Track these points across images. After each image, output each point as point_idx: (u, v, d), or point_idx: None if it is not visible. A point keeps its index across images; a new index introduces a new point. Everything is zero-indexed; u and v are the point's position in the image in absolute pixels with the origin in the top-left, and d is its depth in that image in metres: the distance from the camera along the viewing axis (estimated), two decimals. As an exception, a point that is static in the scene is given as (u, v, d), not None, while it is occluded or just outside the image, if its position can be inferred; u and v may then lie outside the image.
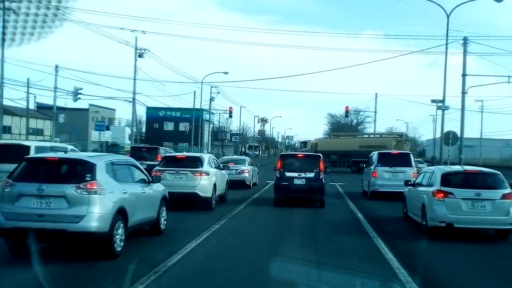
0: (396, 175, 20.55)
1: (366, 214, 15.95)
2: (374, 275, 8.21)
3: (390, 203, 19.61)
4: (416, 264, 8.99)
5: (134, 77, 47.18)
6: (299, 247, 10.61)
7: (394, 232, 12.77)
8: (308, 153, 21.70)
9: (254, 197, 19.87)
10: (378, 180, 20.56)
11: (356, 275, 8.10)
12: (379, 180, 20.57)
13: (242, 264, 8.73)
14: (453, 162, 29.57)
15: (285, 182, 17.70)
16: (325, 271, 8.44)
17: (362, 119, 78.63)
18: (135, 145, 32.31)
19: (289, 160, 18.86)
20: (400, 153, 21.91)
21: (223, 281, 7.70)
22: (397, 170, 20.56)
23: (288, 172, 17.79)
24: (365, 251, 10.30)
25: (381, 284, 7.87)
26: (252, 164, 25.63)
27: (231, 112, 59.54)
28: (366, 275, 8.15)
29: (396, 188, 20.33)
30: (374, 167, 20.82)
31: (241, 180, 22.91)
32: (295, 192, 17.72)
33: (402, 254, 9.77)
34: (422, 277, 7.88)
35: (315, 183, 17.57)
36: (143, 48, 46.95)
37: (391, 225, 14.01)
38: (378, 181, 20.56)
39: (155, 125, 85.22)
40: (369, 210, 17.16)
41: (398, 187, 20.25)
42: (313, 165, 17.98)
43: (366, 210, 16.96)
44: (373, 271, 8.47)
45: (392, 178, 20.51)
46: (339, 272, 8.37)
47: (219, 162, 23.17)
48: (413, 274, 8.00)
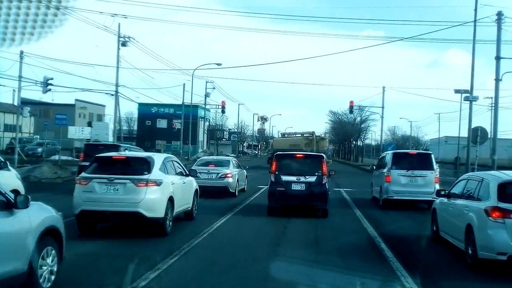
0: (414, 180, 16.95)
1: (380, 230, 12.42)
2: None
3: (408, 214, 16.03)
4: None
5: (117, 67, 43.50)
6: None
7: (426, 262, 9.05)
8: (309, 153, 17.96)
9: (238, 209, 15.93)
10: (393, 186, 16.94)
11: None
12: (393, 185, 16.94)
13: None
14: (483, 164, 25.73)
15: (281, 188, 14.63)
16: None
17: (366, 117, 74.73)
18: (92, 142, 27.89)
19: (286, 161, 15.50)
20: (419, 154, 18.16)
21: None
22: (416, 173, 16.95)
23: (284, 175, 14.72)
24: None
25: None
26: (239, 166, 21.28)
27: (223, 107, 55.74)
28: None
29: (415, 196, 16.82)
30: (388, 170, 17.18)
31: (223, 186, 18.65)
32: (293, 199, 14.72)
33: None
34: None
35: (317, 189, 14.49)
36: (127, 36, 43.30)
37: (418, 249, 10.35)
38: (392, 186, 16.94)
39: (147, 122, 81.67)
40: (384, 225, 13.58)
41: (417, 195, 16.79)
42: (314, 167, 14.78)
43: (380, 224, 13.37)
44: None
45: (410, 184, 16.93)
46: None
47: (198, 163, 19.55)
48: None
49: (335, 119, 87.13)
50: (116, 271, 7.57)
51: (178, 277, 7.71)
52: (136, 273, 7.28)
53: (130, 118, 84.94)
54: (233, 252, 9.47)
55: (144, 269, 7.60)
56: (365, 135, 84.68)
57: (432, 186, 16.87)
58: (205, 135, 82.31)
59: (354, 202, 18.80)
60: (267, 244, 10.41)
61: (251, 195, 20.06)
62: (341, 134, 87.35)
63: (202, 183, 17.82)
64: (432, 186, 16.85)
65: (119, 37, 43.62)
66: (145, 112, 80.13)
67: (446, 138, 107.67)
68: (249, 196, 19.68)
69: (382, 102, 50.32)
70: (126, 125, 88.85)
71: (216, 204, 16.81)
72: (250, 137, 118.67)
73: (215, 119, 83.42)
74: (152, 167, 10.10)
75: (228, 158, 20.59)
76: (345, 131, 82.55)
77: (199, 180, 17.87)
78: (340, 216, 15.21)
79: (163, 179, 10.16)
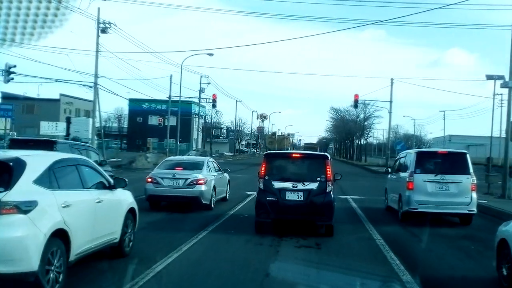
0: (445, 187, 13.00)
1: (411, 262, 8.45)
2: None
3: (445, 235, 12.05)
4: None
5: (96, 55, 39.46)
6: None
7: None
8: (309, 152, 13.74)
9: (211, 228, 11.84)
10: (417, 195, 12.98)
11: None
12: (418, 194, 12.99)
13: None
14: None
15: (272, 197, 11.10)
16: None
17: (371, 113, 70.58)
18: (19, 138, 23.21)
19: (279, 162, 11.86)
20: (451, 153, 14.03)
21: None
22: (447, 179, 12.99)
23: (277, 181, 11.20)
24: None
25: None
26: (219, 169, 16.70)
27: (214, 101, 51.57)
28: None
29: (445, 208, 12.99)
30: (410, 174, 13.20)
31: (193, 196, 14.12)
32: (288, 212, 11.21)
33: None
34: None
35: (320, 199, 11.00)
36: (107, 22, 39.26)
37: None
38: (416, 196, 12.98)
39: (138, 119, 77.57)
40: (414, 253, 9.65)
41: (448, 206, 12.93)
42: (316, 171, 11.28)
43: (414, 260, 9.20)
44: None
45: (439, 192, 12.99)
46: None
47: (162, 166, 15.49)
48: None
49: (337, 116, 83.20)
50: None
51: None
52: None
53: (120, 115, 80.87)
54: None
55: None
56: (368, 133, 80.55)
57: (468, 195, 12.97)
58: (199, 133, 78.18)
59: (366, 214, 14.83)
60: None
61: (234, 205, 15.95)
62: (343, 132, 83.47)
63: (164, 191, 13.88)
64: (468, 195, 12.95)
65: (99, 22, 39.74)
66: (136, 109, 75.82)
67: (450, 137, 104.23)
68: (231, 207, 15.58)
69: (390, 96, 46.23)
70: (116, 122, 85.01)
71: (178, 223, 12.74)
72: (249, 135, 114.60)
73: (211, 116, 79.30)
74: (17, 179, 5.55)
75: (203, 159, 16.17)
76: (348, 129, 78.51)
77: (159, 188, 13.96)
78: (349, 236, 11.32)
79: (38, 202, 5.57)
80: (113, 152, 49.79)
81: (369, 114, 70.34)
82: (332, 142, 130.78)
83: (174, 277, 7.43)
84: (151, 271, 7.33)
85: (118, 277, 7.02)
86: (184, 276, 7.54)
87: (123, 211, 8.16)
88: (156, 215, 13.59)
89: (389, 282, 7.37)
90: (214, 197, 14.96)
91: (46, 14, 5.04)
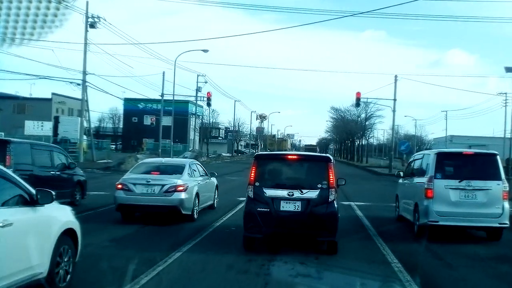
0: (471, 196, 10.81)
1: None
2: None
3: (469, 252, 9.96)
4: None
5: (84, 51, 37.39)
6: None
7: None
8: (308, 154, 11.71)
9: (192, 244, 9.70)
10: (438, 205, 10.79)
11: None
12: (438, 204, 10.79)
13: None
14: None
15: (263, 208, 9.15)
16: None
17: (372, 113, 68.20)
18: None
19: (273, 165, 9.83)
20: (478, 155, 11.60)
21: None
22: (474, 185, 10.79)
23: (270, 188, 9.26)
24: None
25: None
26: (205, 173, 14.45)
27: (209, 99, 49.32)
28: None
29: (472, 221, 10.92)
30: (429, 179, 10.98)
31: (171, 206, 11.91)
32: (283, 226, 9.23)
33: None
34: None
35: (321, 210, 9.06)
36: (96, 16, 37.16)
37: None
38: (437, 205, 10.79)
39: (133, 119, 75.47)
40: (446, 286, 7.48)
41: (476, 219, 10.77)
42: (316, 176, 9.34)
43: (439, 285, 7.17)
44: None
45: (464, 201, 10.80)
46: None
47: (136, 169, 13.28)
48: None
49: (338, 116, 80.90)
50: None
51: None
52: None
53: (115, 115, 78.69)
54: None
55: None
56: (370, 133, 78.25)
57: (499, 205, 10.78)
58: (195, 133, 75.92)
59: (374, 226, 12.67)
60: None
61: (222, 215, 13.79)
62: (344, 132, 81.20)
63: (137, 200, 11.72)
64: (498, 204, 10.77)
65: (87, 16, 37.62)
66: (131, 108, 73.80)
67: (452, 137, 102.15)
68: (218, 217, 13.41)
69: (394, 94, 43.88)
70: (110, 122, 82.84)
71: (149, 239, 10.58)
72: (248, 135, 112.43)
73: (208, 116, 77.05)
74: None
75: (184, 162, 13.74)
76: (348, 129, 76.23)
77: (131, 196, 11.81)
78: (358, 258, 9.16)
79: None
80: (105, 153, 47.60)
81: (370, 113, 68.02)
82: (332, 142, 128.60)
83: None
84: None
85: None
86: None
87: (53, 234, 5.96)
88: (126, 228, 11.45)
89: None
90: (197, 206, 12.75)
91: (46, 14, 5.03)
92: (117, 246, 9.46)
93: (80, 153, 39.07)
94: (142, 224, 11.98)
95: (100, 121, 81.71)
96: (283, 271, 7.85)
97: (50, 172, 13.71)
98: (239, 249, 9.32)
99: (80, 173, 15.49)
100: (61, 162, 14.38)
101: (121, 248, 9.33)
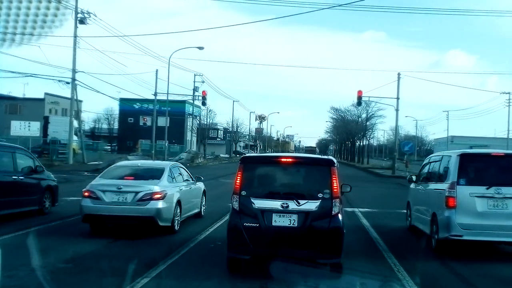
0: (503, 205, 9.11)
1: None
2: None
3: (502, 274, 8.25)
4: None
5: (74, 47, 35.65)
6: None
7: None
8: (306, 156, 9.50)
9: (168, 263, 8.08)
10: (462, 216, 9.06)
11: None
12: (463, 215, 9.07)
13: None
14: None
15: (251, 223, 7.45)
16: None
17: (373, 113, 66.43)
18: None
19: (263, 170, 8.12)
20: (508, 156, 9.83)
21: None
22: (506, 193, 9.05)
23: (259, 198, 7.53)
24: None
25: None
26: (190, 177, 12.68)
27: (204, 98, 47.57)
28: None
29: (505, 235, 9.20)
30: (451, 185, 9.25)
31: (145, 217, 10.16)
32: (275, 245, 7.48)
33: None
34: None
35: (323, 226, 7.35)
36: (86, 11, 35.45)
37: None
38: (461, 217, 9.06)
39: (129, 120, 73.71)
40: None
41: (510, 233, 9.04)
42: (316, 183, 7.68)
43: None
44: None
45: (494, 212, 9.08)
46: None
47: (107, 174, 11.48)
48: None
49: (338, 116, 79.15)
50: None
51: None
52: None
53: (110, 115, 76.96)
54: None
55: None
56: (371, 133, 76.52)
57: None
58: (192, 134, 74.16)
59: (384, 238, 10.93)
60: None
61: (209, 225, 12.00)
62: (344, 132, 79.45)
63: (106, 210, 10.01)
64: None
65: (77, 12, 35.90)
66: (127, 109, 72.09)
67: (453, 138, 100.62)
68: (204, 227, 11.64)
69: (397, 92, 42.09)
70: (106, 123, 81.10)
71: (117, 258, 8.78)
72: (247, 136, 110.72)
73: (206, 116, 75.27)
74: None
75: (164, 165, 11.85)
76: (348, 129, 74.47)
77: (99, 205, 10.12)
78: (365, 278, 7.46)
79: None
80: (97, 154, 45.81)
81: (371, 113, 66.25)
82: (332, 143, 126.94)
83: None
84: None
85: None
86: None
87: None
88: (93, 243, 9.72)
89: None
90: (178, 216, 10.99)
91: (46, 14, 4.92)
92: (72, 269, 7.73)
93: (69, 154, 37.38)
94: (112, 238, 10.24)
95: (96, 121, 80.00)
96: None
97: (12, 177, 11.98)
98: (223, 271, 7.65)
99: (51, 177, 13.77)
100: (27, 166, 12.65)
101: (76, 271, 7.60)
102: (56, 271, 7.38)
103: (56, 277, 7.04)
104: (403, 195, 23.60)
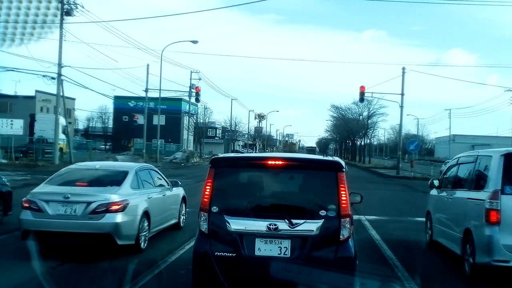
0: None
1: None
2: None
3: None
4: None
5: (60, 40, 33.50)
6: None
7: None
8: (305, 157, 6.46)
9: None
10: (509, 235, 6.92)
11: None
12: (510, 234, 6.93)
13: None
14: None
15: (225, 252, 5.31)
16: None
17: (375, 110, 64.20)
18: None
19: (241, 177, 5.84)
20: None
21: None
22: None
23: (236, 217, 5.37)
24: None
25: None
26: (166, 183, 10.55)
27: (198, 94, 45.38)
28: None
29: None
30: (494, 195, 7.09)
31: (99, 234, 7.98)
32: (259, 283, 5.30)
33: None
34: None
35: (327, 256, 5.20)
36: (73, 2, 33.25)
37: None
38: (507, 236, 6.92)
39: (124, 118, 71.59)
40: None
41: None
42: (318, 195, 5.54)
43: None
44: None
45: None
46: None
47: (55, 179, 9.25)
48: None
49: (338, 114, 76.94)
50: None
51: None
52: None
53: (104, 113, 74.82)
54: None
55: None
56: (372, 132, 74.32)
57: None
58: (189, 133, 71.99)
59: (400, 257, 8.79)
60: None
61: (188, 239, 9.70)
62: (344, 131, 77.23)
63: (49, 225, 7.88)
64: None
65: (63, 3, 33.74)
66: (121, 107, 69.92)
67: (454, 137, 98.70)
68: (181, 242, 9.47)
69: (402, 88, 39.90)
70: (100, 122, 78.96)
71: (67, 284, 6.74)
72: (246, 135, 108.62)
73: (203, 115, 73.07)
74: None
75: (127, 167, 9.53)
76: (349, 128, 72.26)
77: (41, 219, 7.96)
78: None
79: None
80: (87, 154, 43.66)
81: (373, 111, 64.03)
82: (333, 142, 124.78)
83: None
84: None
85: None
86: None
87: None
88: (34, 267, 7.55)
89: None
90: (146, 231, 8.84)
91: (46, 15, 5.17)
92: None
93: (55, 154, 35.26)
94: (60, 261, 8.08)
95: (89, 120, 77.87)
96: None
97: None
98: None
99: (2, 181, 11.62)
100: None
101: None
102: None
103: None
104: (413, 199, 21.51)
